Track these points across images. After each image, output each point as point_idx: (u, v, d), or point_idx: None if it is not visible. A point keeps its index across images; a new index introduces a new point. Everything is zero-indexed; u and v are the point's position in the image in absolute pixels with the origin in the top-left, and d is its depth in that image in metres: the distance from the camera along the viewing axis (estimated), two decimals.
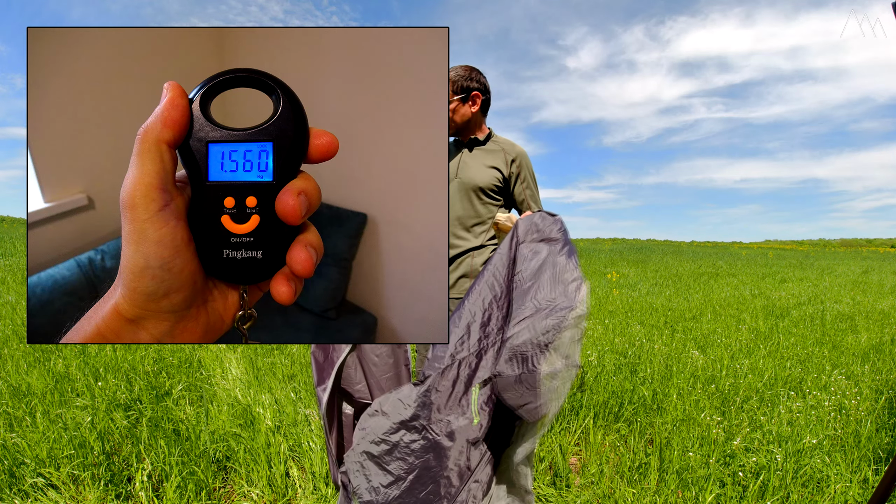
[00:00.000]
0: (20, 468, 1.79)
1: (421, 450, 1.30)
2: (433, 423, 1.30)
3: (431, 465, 1.30)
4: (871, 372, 3.19)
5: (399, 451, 1.31)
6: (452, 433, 1.29)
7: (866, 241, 48.02)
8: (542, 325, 1.18)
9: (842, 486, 1.82)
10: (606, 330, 4.30)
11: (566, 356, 1.18)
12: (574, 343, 1.20)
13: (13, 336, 3.44)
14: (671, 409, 2.44)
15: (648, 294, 6.94)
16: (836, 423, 2.33)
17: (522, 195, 1.74)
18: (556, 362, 1.16)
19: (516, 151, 1.73)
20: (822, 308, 5.91)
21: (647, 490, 1.81)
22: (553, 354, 1.17)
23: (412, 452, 1.31)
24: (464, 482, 1.28)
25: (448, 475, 1.28)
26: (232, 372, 2.81)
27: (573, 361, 1.19)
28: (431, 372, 1.34)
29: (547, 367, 1.15)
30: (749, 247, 31.43)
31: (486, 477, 1.31)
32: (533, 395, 1.17)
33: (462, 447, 1.29)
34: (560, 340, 1.17)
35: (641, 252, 17.50)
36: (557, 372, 1.17)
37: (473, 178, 1.71)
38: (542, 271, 1.29)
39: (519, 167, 1.72)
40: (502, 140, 1.78)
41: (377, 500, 1.30)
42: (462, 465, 1.29)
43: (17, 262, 7.78)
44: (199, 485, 1.80)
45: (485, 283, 1.41)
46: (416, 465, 1.30)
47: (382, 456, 1.32)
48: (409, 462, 1.30)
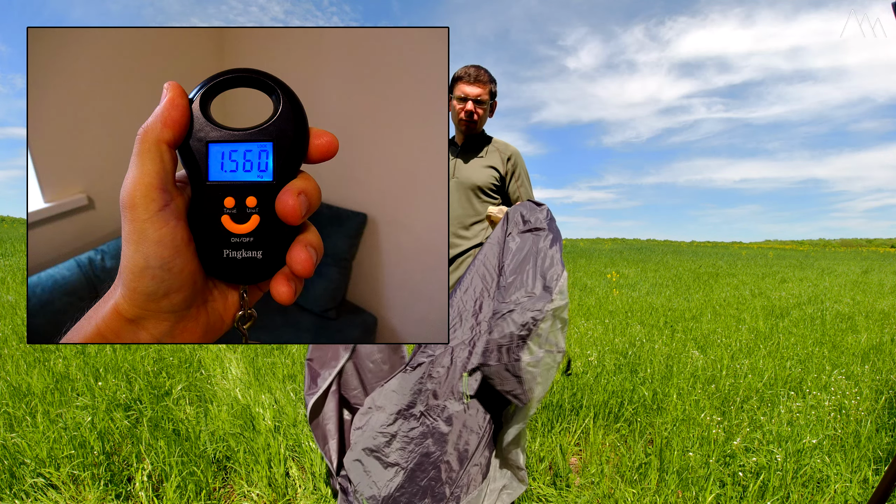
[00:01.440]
0: (20, 468, 1.79)
1: (420, 436, 1.32)
2: (430, 410, 1.33)
3: (431, 450, 1.31)
4: (871, 372, 3.19)
5: (398, 441, 1.33)
6: (450, 418, 1.32)
7: (866, 241, 48.03)
8: (521, 319, 1.24)
9: (842, 486, 1.82)
10: (606, 330, 4.30)
11: (547, 345, 1.23)
12: (555, 332, 1.24)
13: (13, 336, 3.44)
14: (671, 409, 2.44)
15: (648, 294, 6.95)
16: (836, 423, 2.33)
17: (518, 192, 1.78)
18: (538, 351, 1.22)
19: (511, 150, 1.78)
20: (822, 308, 5.91)
21: (647, 490, 1.81)
22: (533, 344, 1.22)
23: (412, 440, 1.33)
24: (463, 466, 1.31)
25: (448, 459, 1.30)
26: (232, 372, 2.81)
27: (556, 348, 1.24)
28: (424, 359, 1.35)
29: (528, 357, 1.21)
30: (749, 247, 31.43)
31: (484, 460, 1.33)
32: (517, 382, 1.23)
33: (460, 431, 1.32)
34: (539, 332, 1.22)
35: (641, 252, 17.50)
36: (539, 360, 1.22)
37: (471, 177, 1.73)
38: (525, 265, 1.33)
39: (514, 165, 1.77)
40: (496, 140, 1.82)
41: (380, 493, 1.31)
42: (461, 448, 1.32)
43: (17, 261, 7.78)
44: (199, 485, 1.80)
45: (476, 273, 1.43)
46: (417, 452, 1.32)
47: (381, 448, 1.34)
48: (410, 450, 1.32)
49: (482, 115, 1.72)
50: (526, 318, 1.23)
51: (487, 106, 1.72)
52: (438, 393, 1.33)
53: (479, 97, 1.69)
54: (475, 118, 1.71)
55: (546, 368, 1.24)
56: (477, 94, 1.68)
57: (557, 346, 1.25)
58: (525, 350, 1.22)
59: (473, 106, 1.69)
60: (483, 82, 1.69)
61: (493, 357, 1.26)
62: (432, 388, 1.34)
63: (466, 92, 1.69)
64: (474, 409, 1.33)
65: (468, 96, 1.69)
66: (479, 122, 1.73)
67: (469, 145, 1.80)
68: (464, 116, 1.71)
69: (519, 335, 1.23)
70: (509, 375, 1.23)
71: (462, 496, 1.29)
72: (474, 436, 1.31)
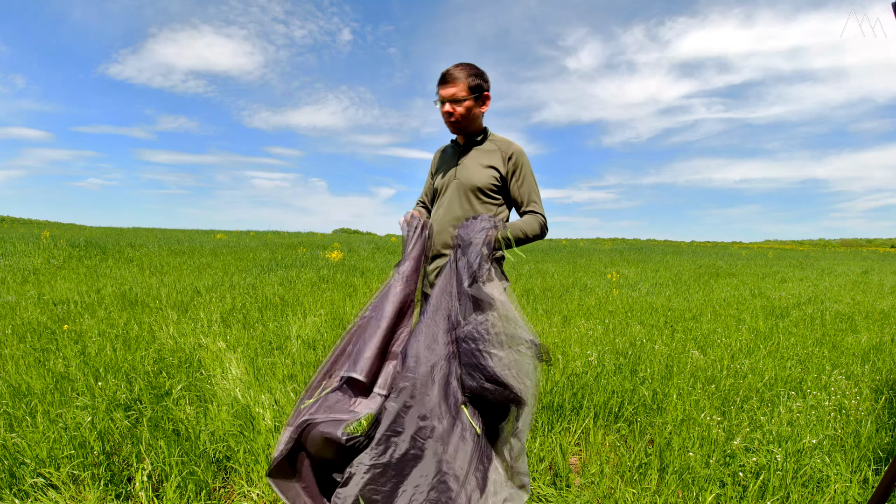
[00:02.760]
0: (20, 468, 1.79)
1: (413, 459, 1.31)
2: (417, 433, 1.32)
3: (427, 470, 1.30)
4: (871, 372, 3.19)
5: (392, 469, 1.31)
6: (441, 437, 1.31)
7: (866, 241, 48.00)
8: (464, 334, 1.32)
9: (842, 486, 1.82)
10: (606, 330, 4.30)
11: (510, 342, 1.28)
12: (511, 328, 1.29)
13: (13, 336, 3.44)
14: (671, 409, 2.44)
15: (648, 294, 6.94)
16: (836, 423, 2.33)
17: (518, 192, 1.72)
18: (502, 354, 1.27)
19: (513, 149, 1.72)
20: (822, 308, 5.91)
21: (647, 490, 1.81)
22: (494, 350, 1.28)
23: (405, 462, 1.31)
24: (461, 484, 1.29)
25: (445, 480, 1.28)
26: (232, 372, 2.81)
27: (522, 343, 1.28)
28: (406, 383, 1.35)
29: (494, 362, 1.27)
30: (749, 247, 31.41)
31: (480, 475, 1.31)
32: (504, 388, 1.27)
33: (455, 447, 1.30)
34: (490, 337, 1.28)
35: (641, 252, 17.50)
36: (510, 361, 1.27)
37: (471, 178, 1.70)
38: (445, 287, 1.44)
39: (515, 164, 1.71)
40: (498, 138, 1.76)
41: None
42: (457, 468, 1.29)
43: (17, 261, 7.78)
44: (199, 485, 1.80)
45: (442, 292, 1.45)
46: (411, 473, 1.30)
47: (377, 479, 1.30)
48: (405, 474, 1.30)
49: (464, 114, 1.68)
50: (467, 331, 1.31)
51: (470, 101, 1.67)
52: (426, 413, 1.32)
53: (455, 96, 1.66)
54: (455, 118, 1.69)
55: (520, 365, 1.27)
56: (451, 94, 1.66)
57: (522, 341, 1.28)
58: (489, 358, 1.27)
59: (451, 106, 1.67)
60: (456, 79, 1.66)
61: (469, 378, 1.30)
62: (417, 408, 1.33)
63: (441, 94, 1.69)
64: (463, 426, 1.33)
65: (443, 98, 1.68)
66: (463, 121, 1.70)
67: (469, 144, 1.77)
68: (444, 118, 1.71)
69: (475, 349, 1.29)
70: (493, 386, 1.27)
71: None
72: (465, 452, 1.31)
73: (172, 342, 3.42)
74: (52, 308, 4.45)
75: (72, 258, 8.64)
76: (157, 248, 10.63)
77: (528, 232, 1.66)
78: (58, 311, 4.32)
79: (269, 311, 4.60)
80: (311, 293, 5.80)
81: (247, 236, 19.13)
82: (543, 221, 1.70)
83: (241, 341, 3.51)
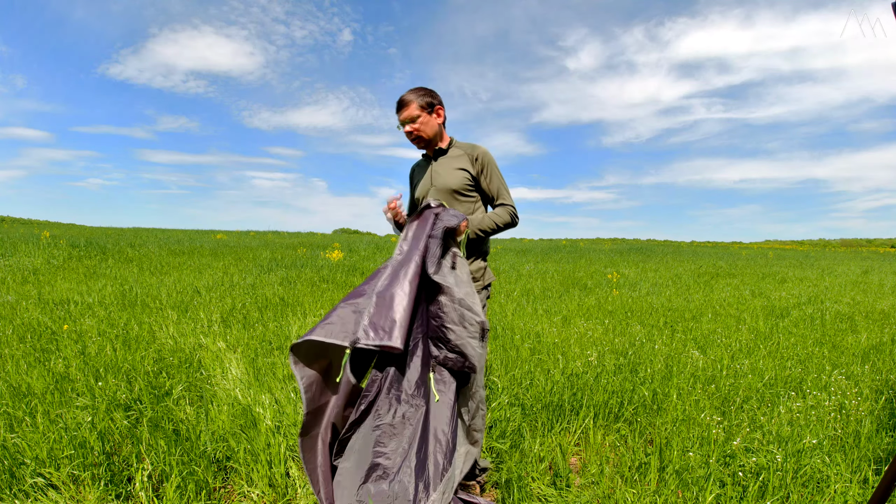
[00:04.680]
0: (20, 468, 1.79)
1: (408, 419, 1.57)
2: (402, 402, 1.59)
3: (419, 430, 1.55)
4: (871, 372, 3.19)
5: (395, 428, 1.57)
6: (427, 412, 1.55)
7: (866, 241, 47.99)
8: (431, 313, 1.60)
9: (842, 486, 1.82)
10: (606, 330, 4.30)
11: (459, 322, 1.55)
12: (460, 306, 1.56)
13: (13, 336, 3.44)
14: (671, 409, 2.44)
15: (648, 294, 6.94)
16: (836, 424, 2.33)
17: (489, 187, 1.90)
18: (456, 329, 1.55)
19: (478, 151, 1.90)
20: (822, 308, 5.91)
21: (647, 490, 1.81)
22: (451, 326, 1.56)
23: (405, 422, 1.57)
24: (446, 436, 1.54)
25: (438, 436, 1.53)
26: (232, 372, 2.81)
27: (470, 322, 1.55)
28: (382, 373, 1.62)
29: (452, 337, 1.55)
30: (749, 247, 31.41)
31: (452, 432, 1.55)
32: (463, 356, 1.55)
33: (437, 409, 1.54)
34: (445, 315, 1.56)
35: (641, 252, 17.49)
36: (461, 334, 1.55)
37: (446, 182, 1.87)
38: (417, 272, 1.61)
39: (482, 164, 1.89)
40: (463, 144, 1.95)
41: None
42: (442, 425, 1.54)
43: (17, 261, 7.78)
44: (199, 485, 1.80)
45: (415, 276, 1.63)
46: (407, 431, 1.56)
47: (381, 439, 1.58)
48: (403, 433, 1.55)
49: (422, 128, 1.85)
50: (433, 310, 1.59)
51: (424, 116, 1.84)
52: (408, 395, 1.58)
53: (410, 116, 1.83)
54: (415, 135, 1.86)
55: (470, 338, 1.56)
56: (407, 116, 1.83)
57: (472, 321, 1.54)
58: (448, 332, 1.56)
59: (410, 126, 1.85)
60: (408, 103, 1.83)
61: (436, 349, 1.59)
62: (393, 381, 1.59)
63: (400, 119, 1.86)
64: (447, 389, 1.58)
65: (402, 121, 1.85)
66: (424, 137, 1.88)
67: (438, 154, 1.94)
68: (409, 139, 1.89)
69: (440, 325, 1.57)
70: (455, 356, 1.55)
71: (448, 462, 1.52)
72: (446, 413, 1.54)
73: (172, 342, 3.42)
74: (52, 308, 4.44)
75: (72, 258, 8.64)
76: (157, 249, 10.63)
77: (499, 222, 1.86)
78: (58, 312, 4.32)
79: (269, 312, 4.60)
80: (312, 293, 5.80)
81: (247, 236, 19.14)
82: (513, 211, 1.90)
83: (242, 341, 3.51)
